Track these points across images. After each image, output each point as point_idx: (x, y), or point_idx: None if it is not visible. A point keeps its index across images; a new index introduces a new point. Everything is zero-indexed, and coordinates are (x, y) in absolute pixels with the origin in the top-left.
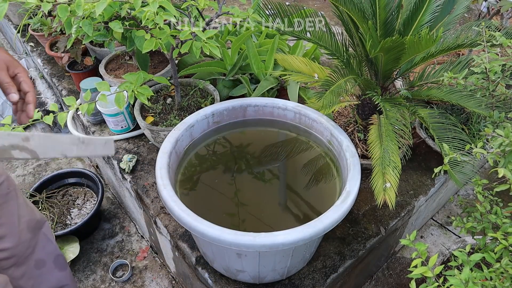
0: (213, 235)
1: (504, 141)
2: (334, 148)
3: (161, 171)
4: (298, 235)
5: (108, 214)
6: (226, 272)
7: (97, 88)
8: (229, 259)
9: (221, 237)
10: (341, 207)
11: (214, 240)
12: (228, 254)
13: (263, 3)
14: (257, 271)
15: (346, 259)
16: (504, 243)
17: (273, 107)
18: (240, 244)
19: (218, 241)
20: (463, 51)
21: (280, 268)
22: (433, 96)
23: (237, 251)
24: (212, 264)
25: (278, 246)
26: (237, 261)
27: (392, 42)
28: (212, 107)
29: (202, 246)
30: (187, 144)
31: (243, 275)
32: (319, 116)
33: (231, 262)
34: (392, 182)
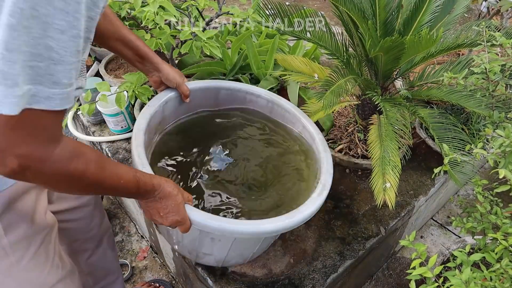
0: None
1: (505, 142)
2: (306, 141)
3: (137, 149)
4: (282, 224)
5: (108, 214)
6: (189, 255)
7: (97, 88)
8: (199, 243)
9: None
10: (318, 199)
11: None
12: (201, 238)
13: (263, 3)
14: (225, 255)
15: (346, 259)
16: (504, 243)
17: (246, 92)
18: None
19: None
20: (463, 51)
21: (247, 254)
22: (433, 96)
23: (212, 236)
24: (173, 245)
25: (262, 233)
26: (208, 245)
27: (392, 42)
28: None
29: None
30: (158, 121)
31: (208, 258)
32: (292, 107)
33: (200, 246)
34: (392, 182)
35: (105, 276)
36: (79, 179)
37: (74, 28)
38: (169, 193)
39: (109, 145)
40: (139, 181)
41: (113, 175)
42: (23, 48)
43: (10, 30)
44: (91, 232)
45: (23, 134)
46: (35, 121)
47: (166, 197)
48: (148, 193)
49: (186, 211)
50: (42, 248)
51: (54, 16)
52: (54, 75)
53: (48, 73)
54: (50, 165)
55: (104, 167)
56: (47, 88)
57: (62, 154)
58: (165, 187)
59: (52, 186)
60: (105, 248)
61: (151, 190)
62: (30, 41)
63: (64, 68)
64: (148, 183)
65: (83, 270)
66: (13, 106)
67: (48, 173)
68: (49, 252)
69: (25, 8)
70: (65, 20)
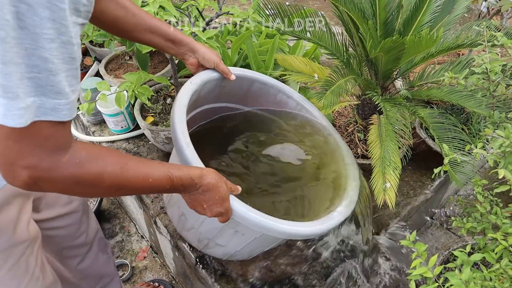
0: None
1: (505, 142)
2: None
3: (181, 126)
4: (317, 230)
5: (108, 214)
6: (198, 243)
7: (97, 88)
8: (219, 233)
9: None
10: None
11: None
12: (224, 229)
13: (263, 3)
14: (237, 249)
15: (346, 259)
16: (504, 243)
17: (279, 90)
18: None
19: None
20: (463, 51)
21: (257, 251)
22: (433, 96)
23: (238, 229)
24: (184, 230)
25: (298, 236)
26: (227, 237)
27: (392, 42)
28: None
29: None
30: (193, 100)
31: (217, 249)
32: (320, 114)
33: (218, 236)
34: (392, 182)
35: (99, 279)
36: (96, 183)
37: (63, 35)
38: (213, 186)
39: (109, 145)
40: (172, 178)
41: (139, 175)
42: (17, 60)
43: (1, 43)
44: (80, 238)
45: (28, 146)
46: (40, 132)
47: (210, 190)
48: (187, 187)
49: (230, 203)
50: (22, 260)
51: (42, 26)
52: (55, 86)
53: (48, 84)
54: (60, 173)
55: (126, 168)
56: (51, 99)
57: (71, 161)
58: (207, 179)
59: (71, 193)
60: (96, 252)
61: (189, 184)
62: (23, 52)
63: (62, 78)
64: (185, 178)
65: (75, 275)
66: (17, 118)
67: (60, 181)
68: (29, 264)
69: (10, 19)
70: (53, 28)
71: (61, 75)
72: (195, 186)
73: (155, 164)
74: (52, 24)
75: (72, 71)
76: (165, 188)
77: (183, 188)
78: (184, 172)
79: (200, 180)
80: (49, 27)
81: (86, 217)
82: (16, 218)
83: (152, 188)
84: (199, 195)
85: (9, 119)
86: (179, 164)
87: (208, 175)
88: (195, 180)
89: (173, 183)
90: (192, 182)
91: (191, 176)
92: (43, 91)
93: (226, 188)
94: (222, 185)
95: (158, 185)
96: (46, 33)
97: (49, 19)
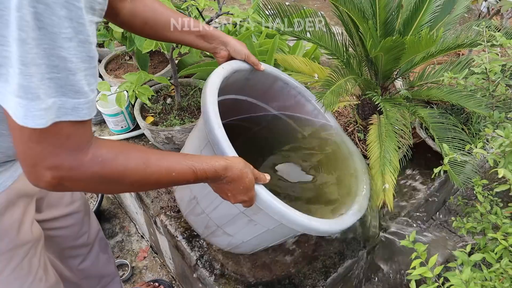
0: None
1: (504, 142)
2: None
3: (214, 108)
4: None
5: (108, 214)
6: (204, 229)
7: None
8: (231, 221)
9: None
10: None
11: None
12: (238, 218)
13: (263, 3)
14: (244, 240)
15: (346, 259)
16: (504, 243)
17: (299, 92)
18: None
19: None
20: (463, 51)
21: (263, 245)
22: (433, 96)
23: (252, 218)
24: (188, 215)
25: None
26: (238, 226)
27: (393, 42)
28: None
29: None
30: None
31: (223, 239)
32: (335, 121)
33: (229, 224)
34: (390, 183)
35: (100, 279)
36: (119, 181)
37: (81, 34)
38: (238, 177)
39: None
40: (196, 171)
41: (162, 170)
42: (37, 61)
43: (22, 44)
44: (81, 238)
45: (50, 147)
46: (61, 132)
47: (235, 181)
48: (212, 179)
49: (254, 192)
50: (25, 261)
51: (60, 25)
52: (74, 85)
53: (68, 84)
54: (83, 172)
55: (148, 164)
56: (71, 98)
57: (93, 160)
58: (232, 170)
59: (95, 190)
60: (97, 252)
61: (214, 176)
62: (42, 52)
63: (81, 77)
64: (209, 170)
65: (76, 275)
66: (37, 119)
67: (84, 179)
68: (32, 265)
69: (29, 20)
70: (71, 27)
71: (80, 74)
72: (220, 177)
73: (178, 158)
74: (70, 23)
75: (90, 70)
76: (189, 181)
77: (207, 180)
78: (209, 164)
79: (224, 172)
80: (67, 26)
81: (88, 217)
82: (20, 219)
83: (176, 182)
84: (224, 184)
85: (29, 120)
86: (201, 155)
87: (233, 166)
88: (220, 172)
89: (197, 176)
90: (216, 174)
91: (215, 169)
92: (64, 91)
93: (251, 178)
94: (248, 176)
95: (181, 179)
96: (64, 32)
97: (66, 18)
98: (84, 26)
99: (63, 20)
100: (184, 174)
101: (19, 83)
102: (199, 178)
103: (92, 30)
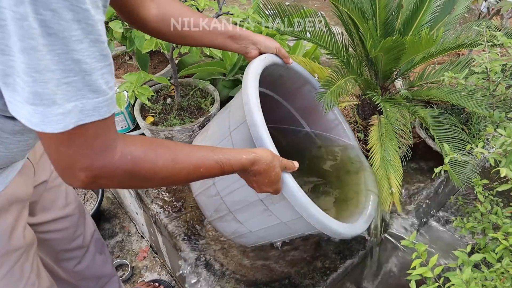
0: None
1: (506, 141)
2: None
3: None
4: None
5: (108, 214)
6: (213, 212)
7: None
8: (245, 207)
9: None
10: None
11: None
12: (254, 204)
13: (263, 3)
14: (252, 230)
15: (346, 259)
16: (504, 243)
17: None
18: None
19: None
20: (463, 51)
21: (268, 239)
22: (433, 96)
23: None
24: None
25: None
26: (251, 214)
27: (393, 42)
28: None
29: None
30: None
31: (230, 225)
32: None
33: (242, 211)
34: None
35: (97, 280)
36: (150, 177)
37: (91, 34)
38: (264, 170)
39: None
40: (223, 166)
41: (190, 166)
42: (52, 67)
43: (33, 52)
44: (76, 240)
45: (79, 149)
46: (86, 133)
47: (261, 173)
48: (238, 172)
49: (280, 185)
50: (16, 267)
51: (69, 28)
52: (92, 85)
53: (86, 85)
54: (114, 170)
55: (177, 160)
56: (91, 99)
57: (123, 159)
58: (259, 164)
59: (129, 187)
60: (93, 253)
61: (240, 170)
62: (56, 58)
63: (98, 76)
64: (236, 165)
65: (72, 277)
66: (55, 124)
67: (116, 177)
68: (24, 271)
69: (37, 27)
70: (80, 29)
71: (96, 74)
72: (246, 170)
73: (205, 152)
74: (78, 25)
75: (106, 68)
76: (216, 175)
77: (234, 172)
78: (236, 159)
79: (251, 166)
80: (76, 28)
81: (83, 219)
82: (13, 225)
83: (203, 177)
84: (250, 176)
85: (47, 125)
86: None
87: (260, 160)
88: (246, 166)
89: (223, 170)
90: (243, 168)
91: (242, 163)
92: (83, 93)
93: (278, 172)
94: (274, 169)
95: (208, 174)
96: (74, 35)
97: (74, 20)
98: (93, 27)
99: (71, 23)
100: (211, 169)
101: (33, 90)
102: (226, 172)
103: (102, 29)
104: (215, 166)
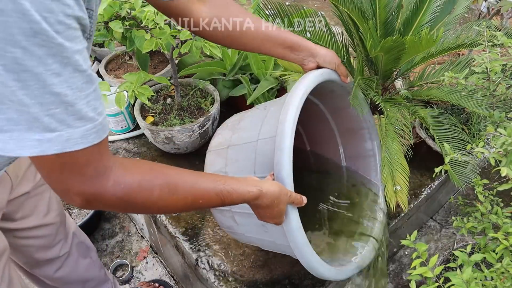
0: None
1: (507, 140)
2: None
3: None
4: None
5: (108, 214)
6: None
7: None
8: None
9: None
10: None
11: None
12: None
13: (263, 3)
14: (246, 234)
15: None
16: (505, 243)
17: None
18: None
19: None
20: (463, 51)
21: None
22: (433, 96)
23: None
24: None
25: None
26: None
27: (393, 42)
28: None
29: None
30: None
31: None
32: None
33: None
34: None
35: (83, 284)
36: (145, 207)
37: (68, 65)
38: (267, 206)
39: (109, 145)
40: (224, 200)
41: (188, 197)
42: (28, 101)
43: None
44: (55, 248)
45: (71, 175)
46: (76, 161)
47: (263, 208)
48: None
49: (283, 218)
50: None
51: (43, 63)
52: (76, 114)
53: (71, 115)
54: (108, 198)
55: (174, 191)
56: (78, 128)
57: (115, 186)
58: (263, 199)
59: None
60: (75, 258)
61: (241, 202)
62: (34, 92)
63: (83, 105)
64: (238, 199)
65: (54, 282)
66: (31, 148)
67: (110, 204)
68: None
69: (7, 64)
70: (56, 63)
71: (80, 103)
72: (248, 203)
73: (207, 183)
74: (53, 59)
75: (91, 95)
76: (215, 206)
77: (234, 204)
78: (238, 192)
79: (253, 201)
80: (51, 62)
81: (63, 227)
82: None
83: (202, 207)
84: (252, 206)
85: (22, 150)
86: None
87: (265, 196)
88: (248, 200)
89: (224, 203)
90: (244, 201)
91: (244, 198)
92: (68, 123)
93: (282, 208)
94: (278, 206)
95: (207, 205)
96: (50, 69)
97: (48, 55)
98: (69, 58)
99: (44, 58)
100: (211, 201)
101: (7, 117)
102: (226, 204)
103: (81, 58)
104: (215, 198)
